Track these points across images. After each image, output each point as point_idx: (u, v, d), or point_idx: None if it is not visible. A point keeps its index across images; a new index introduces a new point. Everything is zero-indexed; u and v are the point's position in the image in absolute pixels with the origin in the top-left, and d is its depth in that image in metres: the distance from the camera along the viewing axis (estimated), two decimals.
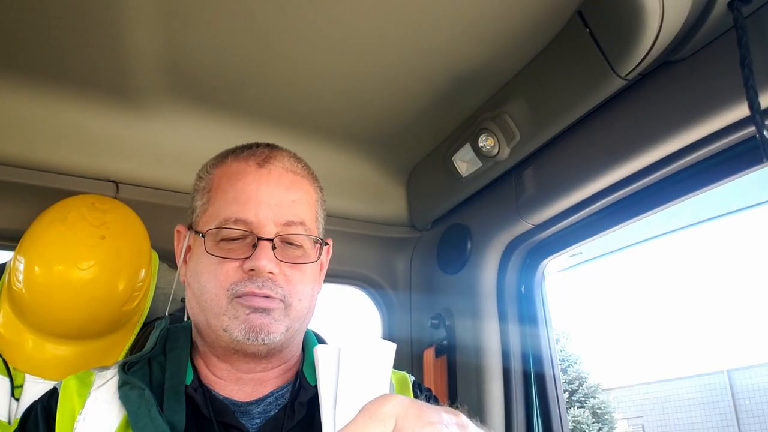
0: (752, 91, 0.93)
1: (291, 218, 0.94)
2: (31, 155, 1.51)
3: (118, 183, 1.59)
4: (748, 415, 14.01)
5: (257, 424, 0.92)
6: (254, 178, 0.94)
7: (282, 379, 0.99)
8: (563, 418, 1.56)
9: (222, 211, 0.93)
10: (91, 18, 1.23)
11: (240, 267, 0.91)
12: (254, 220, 0.91)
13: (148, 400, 0.85)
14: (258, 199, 0.92)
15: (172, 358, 0.95)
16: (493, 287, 1.68)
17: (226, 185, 0.95)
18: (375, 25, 1.25)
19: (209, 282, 0.91)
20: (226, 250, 0.92)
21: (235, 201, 0.92)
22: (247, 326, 0.89)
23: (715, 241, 31.30)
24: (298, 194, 0.97)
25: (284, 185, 0.96)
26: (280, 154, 1.00)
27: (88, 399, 0.88)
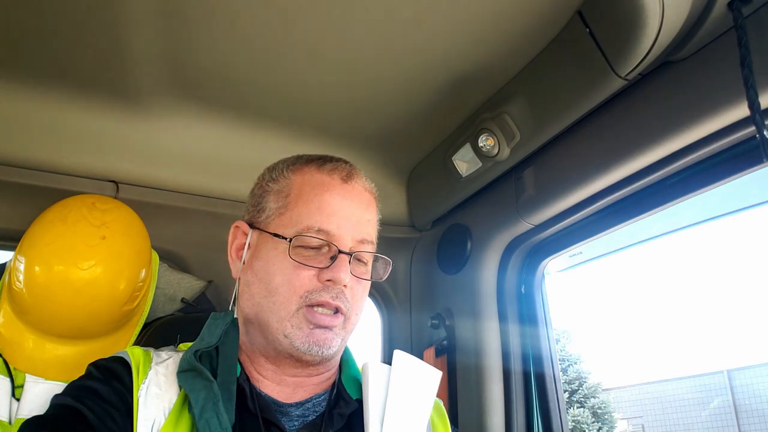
0: (752, 91, 0.93)
1: (365, 236, 0.98)
2: (31, 155, 1.51)
3: (118, 183, 1.59)
4: (748, 415, 14.01)
5: (295, 427, 0.94)
6: (339, 192, 0.98)
7: (321, 386, 1.01)
8: (563, 418, 1.56)
9: (304, 219, 0.95)
10: (91, 18, 1.23)
11: (316, 276, 0.94)
12: (336, 233, 0.95)
13: (216, 393, 0.86)
14: (342, 214, 0.96)
15: (224, 354, 0.95)
16: (493, 287, 1.68)
17: (310, 194, 0.98)
18: (375, 25, 1.25)
19: (283, 285, 0.94)
20: (304, 256, 0.94)
21: (320, 211, 0.95)
22: (311, 339, 0.92)
23: (715, 241, 31.28)
24: (372, 214, 1.02)
25: (364, 204, 1.01)
26: (358, 173, 1.04)
27: (150, 371, 0.91)
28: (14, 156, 1.50)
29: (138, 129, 1.59)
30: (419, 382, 1.00)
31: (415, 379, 1.00)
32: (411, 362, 1.02)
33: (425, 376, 1.01)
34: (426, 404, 0.99)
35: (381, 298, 2.04)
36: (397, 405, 0.95)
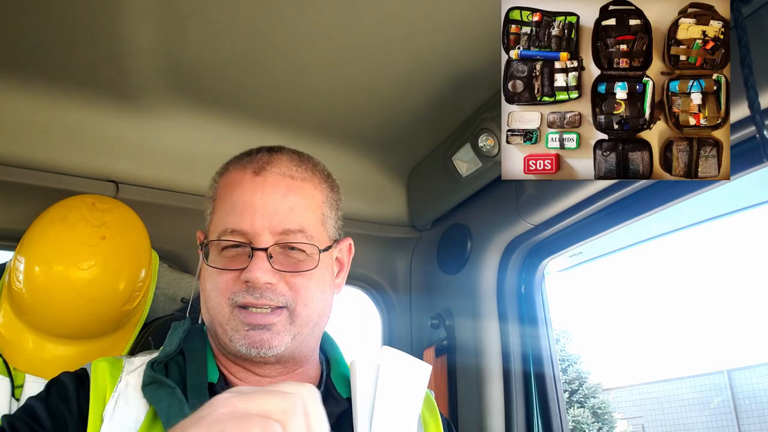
0: (752, 91, 0.93)
1: (288, 226, 0.92)
2: (31, 155, 1.51)
3: (118, 183, 1.59)
4: (748, 415, 14.01)
5: None
6: (250, 187, 0.93)
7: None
8: (563, 418, 1.56)
9: (221, 222, 0.93)
10: (91, 18, 1.23)
11: (238, 278, 0.91)
12: (250, 230, 0.91)
13: (180, 399, 0.85)
14: (253, 209, 0.91)
15: (191, 358, 0.95)
16: (493, 287, 1.68)
17: (226, 195, 0.96)
18: (375, 25, 1.25)
19: (212, 291, 0.93)
20: (227, 259, 0.92)
21: (233, 211, 0.92)
22: (247, 342, 0.90)
23: (715, 241, 31.30)
24: (296, 200, 0.94)
25: (280, 192, 0.93)
26: (279, 159, 0.97)
27: (120, 382, 0.90)
28: (14, 156, 1.50)
29: (138, 129, 1.59)
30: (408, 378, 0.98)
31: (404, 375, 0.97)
32: (399, 358, 0.99)
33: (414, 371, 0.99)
34: (416, 400, 0.97)
35: (381, 298, 2.04)
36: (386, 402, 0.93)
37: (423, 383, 0.99)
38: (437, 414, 1.05)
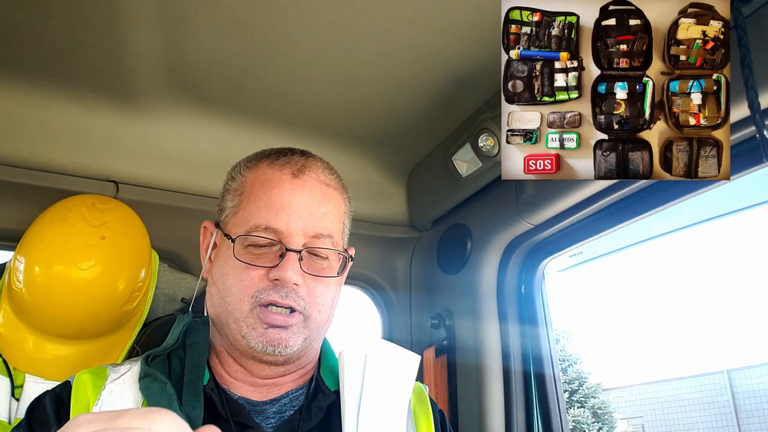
0: (752, 91, 0.93)
1: (320, 231, 0.94)
2: (31, 155, 1.51)
3: (118, 183, 1.59)
4: (748, 415, 14.01)
5: (272, 424, 0.93)
6: (288, 188, 0.95)
7: (297, 382, 1.00)
8: (563, 418, 1.56)
9: (253, 217, 0.93)
10: (91, 18, 1.23)
11: (266, 275, 0.92)
12: (284, 230, 0.92)
13: (170, 394, 0.86)
14: (290, 209, 0.93)
15: (191, 354, 0.95)
16: (493, 287, 1.68)
17: (259, 191, 0.96)
18: (375, 25, 1.25)
19: (234, 286, 0.93)
20: (254, 256, 0.93)
21: (267, 208, 0.93)
22: (265, 339, 0.90)
23: (715, 241, 31.30)
24: (329, 207, 0.98)
25: (317, 197, 0.96)
26: (315, 165, 1.00)
27: (104, 390, 0.90)
28: (14, 156, 1.50)
29: (138, 129, 1.59)
30: (396, 368, 0.98)
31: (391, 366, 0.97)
32: (387, 348, 1.00)
33: (402, 362, 0.99)
34: (404, 390, 0.97)
35: (381, 298, 2.04)
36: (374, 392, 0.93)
37: (411, 374, 0.99)
38: (428, 406, 1.05)
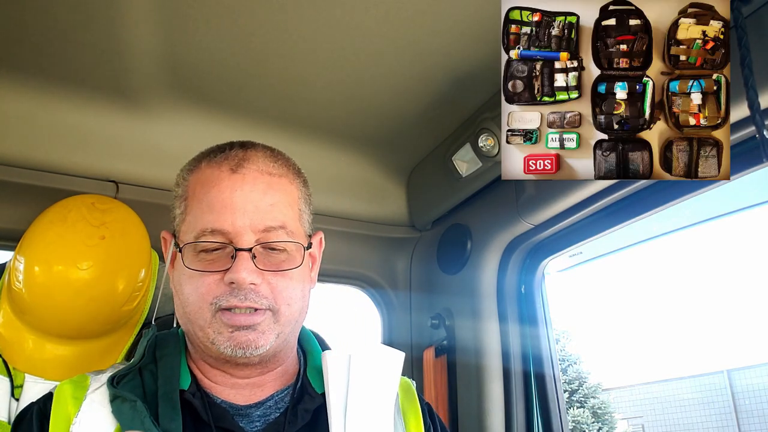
0: (752, 91, 0.93)
1: (270, 223, 0.90)
2: (31, 155, 1.51)
3: (118, 183, 1.59)
4: (748, 415, 14.01)
5: (257, 428, 0.91)
6: (228, 185, 0.90)
7: (281, 381, 0.98)
8: (563, 418, 1.56)
9: (198, 222, 0.90)
10: (91, 18, 1.23)
11: (221, 279, 0.88)
12: (231, 230, 0.88)
13: (141, 411, 0.83)
14: (233, 207, 0.88)
15: (163, 366, 0.93)
16: (493, 287, 1.68)
17: (201, 193, 0.92)
18: (375, 25, 1.25)
19: (191, 295, 0.90)
20: (206, 261, 0.89)
21: (210, 210, 0.89)
22: (232, 343, 0.88)
23: (715, 241, 31.29)
24: (276, 196, 0.92)
25: (260, 189, 0.91)
26: (255, 155, 0.94)
27: (84, 402, 0.88)
28: (14, 156, 1.50)
29: (138, 129, 1.59)
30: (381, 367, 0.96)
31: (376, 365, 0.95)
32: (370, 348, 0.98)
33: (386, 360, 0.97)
34: (390, 389, 0.95)
35: (381, 298, 2.04)
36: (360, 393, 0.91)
37: (396, 371, 0.97)
38: (416, 402, 1.03)
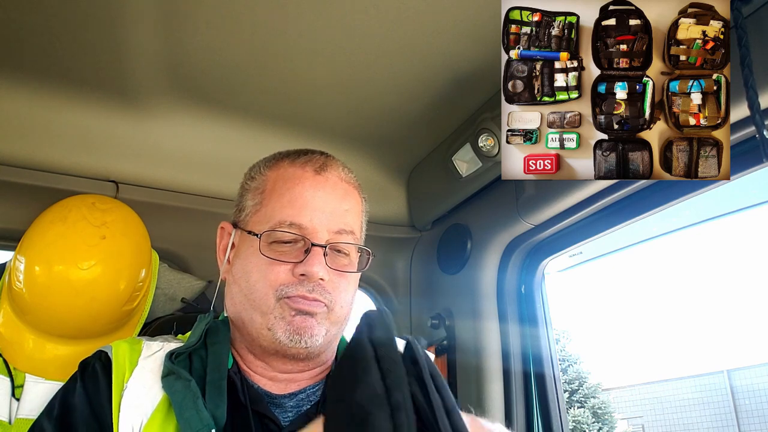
0: (752, 91, 0.93)
1: (342, 227, 0.97)
2: (31, 155, 1.51)
3: (118, 183, 1.59)
4: (748, 415, 14.01)
5: (289, 418, 0.94)
6: (311, 184, 0.96)
7: (315, 379, 1.01)
8: (563, 418, 1.56)
9: (277, 214, 0.95)
10: (91, 18, 1.23)
11: (291, 270, 0.93)
12: (309, 226, 0.94)
13: (194, 391, 0.86)
14: (314, 206, 0.95)
15: (213, 352, 0.95)
16: (493, 287, 1.68)
17: (282, 188, 0.97)
18: (375, 25, 1.25)
19: (259, 282, 0.94)
20: (278, 252, 0.94)
21: (291, 205, 0.95)
22: (291, 328, 0.91)
23: (715, 241, 31.28)
24: (351, 204, 1.00)
25: (339, 194, 0.98)
26: (335, 163, 1.02)
27: (137, 367, 0.90)
28: (14, 156, 1.50)
29: (138, 129, 1.59)
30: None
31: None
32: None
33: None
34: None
35: (381, 298, 2.04)
36: None
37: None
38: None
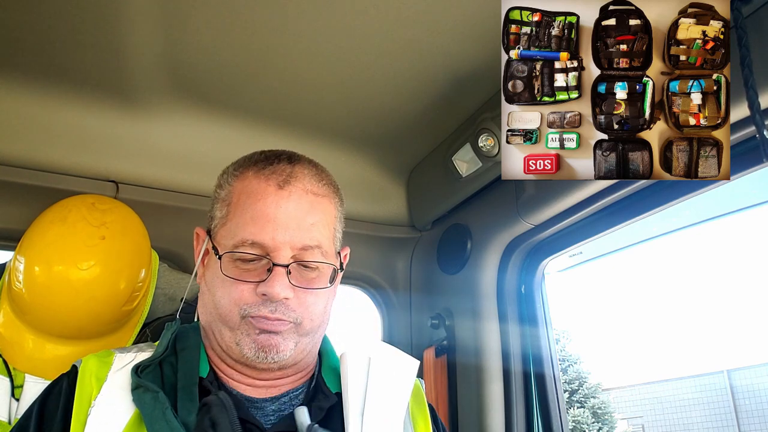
0: (752, 91, 0.93)
1: (308, 242, 0.93)
2: (31, 155, 1.51)
3: (118, 183, 1.59)
4: (748, 415, 14.01)
5: (271, 421, 0.93)
6: (274, 200, 0.93)
7: (296, 381, 1.00)
8: (563, 418, 1.56)
9: (240, 231, 0.92)
10: (91, 18, 1.23)
11: (254, 290, 0.91)
12: (270, 244, 0.91)
13: (163, 402, 0.85)
14: (276, 223, 0.91)
15: (183, 359, 0.95)
16: (493, 287, 1.68)
17: (245, 203, 0.94)
18: (375, 25, 1.25)
19: (223, 298, 0.93)
20: (242, 270, 0.92)
21: (253, 222, 0.92)
22: (256, 345, 0.91)
23: (715, 241, 31.30)
24: (317, 217, 0.96)
25: (304, 208, 0.94)
26: (302, 173, 0.97)
27: (105, 383, 0.90)
28: (14, 156, 1.50)
29: (137, 129, 1.59)
30: (398, 372, 0.98)
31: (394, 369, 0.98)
32: (389, 351, 1.01)
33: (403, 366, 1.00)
34: (405, 394, 0.98)
35: (381, 298, 2.04)
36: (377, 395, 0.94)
37: (411, 378, 1.00)
38: (425, 405, 1.06)
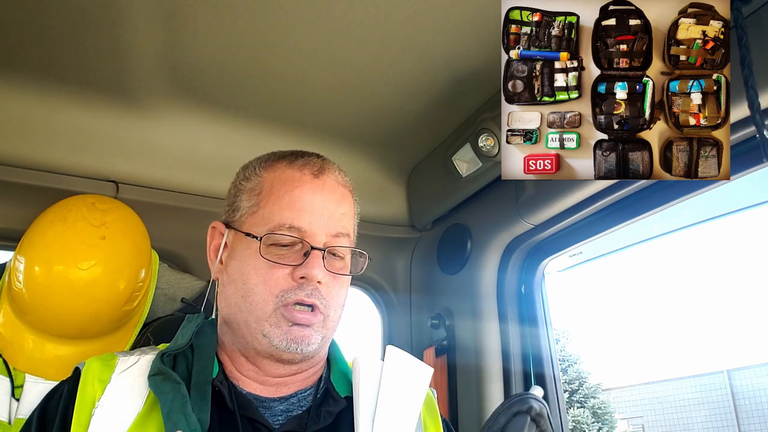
0: (752, 91, 0.93)
1: (340, 230, 0.97)
2: (31, 155, 1.51)
3: (118, 183, 1.59)
4: (748, 415, 14.01)
5: (279, 421, 0.94)
6: (310, 188, 0.97)
7: (306, 382, 1.00)
8: (563, 418, 1.56)
9: (275, 216, 0.94)
10: (91, 18, 1.23)
11: (290, 274, 0.93)
12: (308, 229, 0.94)
13: (184, 395, 0.86)
14: (312, 209, 0.95)
15: (199, 355, 0.95)
16: (493, 287, 1.68)
17: (281, 191, 0.97)
18: (375, 25, 1.25)
19: (258, 285, 0.93)
20: (277, 255, 0.93)
21: (290, 208, 0.95)
22: (288, 337, 0.91)
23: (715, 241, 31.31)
24: (347, 207, 1.01)
25: (336, 198, 0.99)
26: (331, 166, 1.03)
27: (109, 385, 0.90)
28: (14, 156, 1.50)
29: (138, 129, 1.59)
30: (411, 379, 0.98)
31: (407, 376, 0.98)
32: (403, 358, 1.01)
33: (417, 373, 1.00)
34: (417, 401, 0.98)
35: (381, 298, 2.04)
36: (389, 401, 0.94)
37: (424, 385, 1.00)
38: (437, 415, 1.05)
